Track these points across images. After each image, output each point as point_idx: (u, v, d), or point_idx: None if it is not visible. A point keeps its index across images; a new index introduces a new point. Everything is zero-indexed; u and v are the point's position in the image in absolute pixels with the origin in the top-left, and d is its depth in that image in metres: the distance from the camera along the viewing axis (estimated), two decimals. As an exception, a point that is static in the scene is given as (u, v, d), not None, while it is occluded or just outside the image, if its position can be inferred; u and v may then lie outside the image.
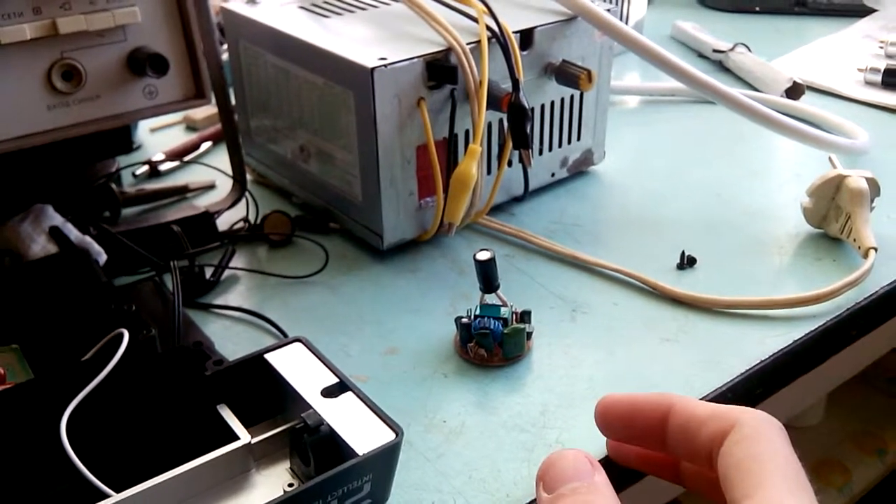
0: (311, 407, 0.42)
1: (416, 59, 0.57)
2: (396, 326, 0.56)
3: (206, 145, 0.79)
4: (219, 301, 0.59)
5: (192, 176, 0.75)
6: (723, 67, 0.96)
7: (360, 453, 0.39)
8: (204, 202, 0.68)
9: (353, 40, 0.60)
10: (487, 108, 0.59)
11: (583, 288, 0.59)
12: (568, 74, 0.64)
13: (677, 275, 0.61)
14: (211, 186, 0.72)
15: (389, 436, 0.40)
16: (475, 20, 0.60)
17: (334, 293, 0.59)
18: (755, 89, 0.89)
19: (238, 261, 0.63)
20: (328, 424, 0.40)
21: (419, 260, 0.62)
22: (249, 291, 0.60)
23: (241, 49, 0.68)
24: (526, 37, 0.63)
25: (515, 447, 0.46)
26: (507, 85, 0.60)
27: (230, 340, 0.55)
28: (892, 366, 1.26)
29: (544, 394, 0.50)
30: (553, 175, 0.71)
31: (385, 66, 0.55)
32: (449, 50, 0.58)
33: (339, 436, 0.40)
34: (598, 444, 0.46)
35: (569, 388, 0.50)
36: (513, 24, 0.61)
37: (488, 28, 0.59)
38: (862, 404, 1.22)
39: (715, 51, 0.96)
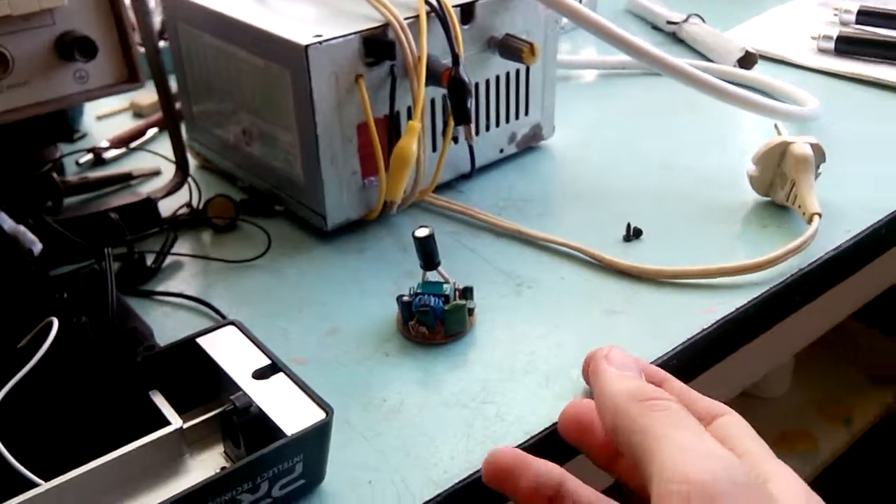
0: (241, 389, 0.41)
1: (352, 36, 0.56)
2: (339, 307, 0.55)
3: (152, 132, 0.78)
4: (161, 288, 0.58)
5: (138, 163, 0.74)
6: (677, 39, 0.95)
7: (289, 433, 0.38)
8: (148, 189, 0.67)
9: (291, 19, 0.59)
10: (428, 84, 0.59)
11: (530, 263, 0.59)
12: (511, 48, 0.63)
13: (624, 247, 0.60)
14: (156, 173, 0.72)
15: (319, 415, 0.39)
16: (413, -5, 0.60)
17: (277, 276, 0.59)
18: (709, 60, 0.89)
19: (182, 247, 0.62)
20: (257, 406, 0.40)
21: (365, 240, 0.62)
22: (192, 277, 0.59)
23: (181, 31, 0.67)
24: (467, 11, 0.62)
25: (454, 423, 0.46)
26: (448, 60, 0.59)
27: (171, 327, 0.54)
28: (857, 335, 1.27)
29: (486, 369, 0.50)
30: (502, 151, 0.70)
31: (320, 43, 0.55)
32: (386, 25, 0.57)
33: (268, 417, 0.39)
34: (538, 416, 0.46)
35: (510, 362, 0.50)
36: (453, -2, 0.61)
37: (427, 2, 0.59)
38: (828, 374, 1.23)
39: (669, 22, 0.95)
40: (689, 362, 0.52)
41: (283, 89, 0.58)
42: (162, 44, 0.73)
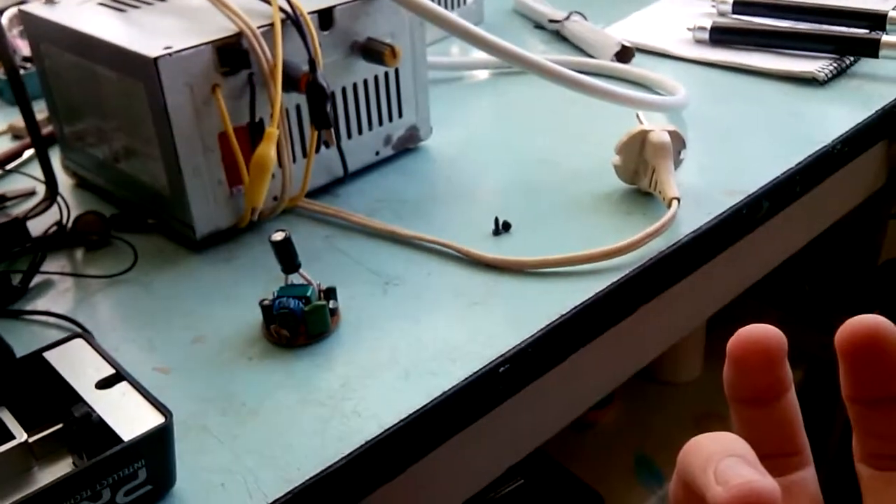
0: (83, 400, 0.41)
1: (203, 46, 0.56)
2: (207, 316, 0.56)
3: (28, 153, 0.77)
4: (29, 307, 0.58)
5: (13, 185, 0.73)
6: (560, 37, 0.97)
7: (126, 439, 0.38)
8: (22, 210, 0.67)
9: (145, 32, 0.59)
10: (288, 90, 0.59)
11: (399, 262, 0.60)
12: (372, 52, 0.64)
13: (494, 241, 0.62)
14: (31, 193, 0.71)
15: (158, 420, 0.40)
16: (269, 2, 0.60)
17: (146, 290, 0.59)
18: (588, 56, 0.91)
19: (53, 265, 0.62)
20: (97, 415, 0.40)
21: (236, 248, 0.62)
22: (61, 295, 0.59)
23: (45, 52, 0.66)
24: (326, 16, 0.63)
25: (311, 421, 0.46)
26: (307, 66, 0.60)
27: (37, 346, 0.54)
28: (766, 318, 1.30)
29: (347, 366, 0.50)
30: (378, 153, 0.71)
31: (170, 54, 0.55)
32: (240, 34, 0.58)
33: (107, 425, 0.40)
34: (395, 409, 0.47)
35: (371, 359, 0.51)
36: (311, 4, 0.62)
37: (282, 10, 0.59)
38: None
39: (551, 20, 0.97)
40: (549, 349, 0.53)
41: (140, 103, 0.58)
42: (31, 68, 0.73)
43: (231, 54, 0.57)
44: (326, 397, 0.48)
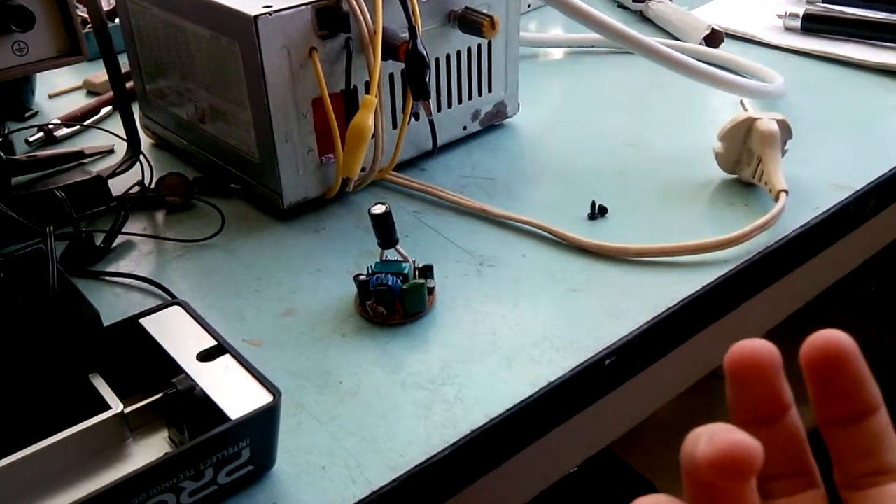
0: (185, 371, 0.39)
1: (304, 7, 0.54)
2: (296, 287, 0.54)
3: (106, 110, 0.76)
4: (112, 268, 0.56)
5: (91, 141, 0.71)
6: (643, 17, 0.94)
7: (234, 417, 0.36)
8: (101, 168, 0.65)
9: (241, -10, 0.57)
10: (385, 58, 0.57)
11: (492, 241, 0.58)
12: (470, 21, 0.62)
13: (589, 225, 0.59)
14: (110, 151, 0.69)
15: (266, 398, 0.38)
16: (371, -34, 0.58)
17: (233, 256, 0.57)
18: (675, 38, 0.87)
19: (134, 226, 0.60)
20: (201, 389, 0.38)
21: (324, 218, 0.60)
22: (144, 258, 0.57)
23: (130, 6, 0.64)
24: (426, -17, 0.60)
25: (412, 405, 0.44)
26: (405, 33, 0.58)
27: (121, 309, 0.52)
28: (829, 316, 1.27)
29: (445, 349, 0.48)
30: (465, 128, 0.69)
31: (270, 13, 0.53)
32: (341, -4, 0.55)
33: (212, 400, 0.38)
34: (500, 398, 0.45)
35: (470, 343, 0.49)
36: (412, -31, 0.59)
37: (384, -27, 0.57)
38: (795, 356, 1.23)
39: (635, 1, 0.94)
40: (653, 342, 0.51)
41: (234, 63, 0.56)
42: (115, 22, 0.71)
43: (331, 16, 0.55)
44: (427, 381, 0.46)
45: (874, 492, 0.26)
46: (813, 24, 0.88)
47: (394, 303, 0.50)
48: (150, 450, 0.40)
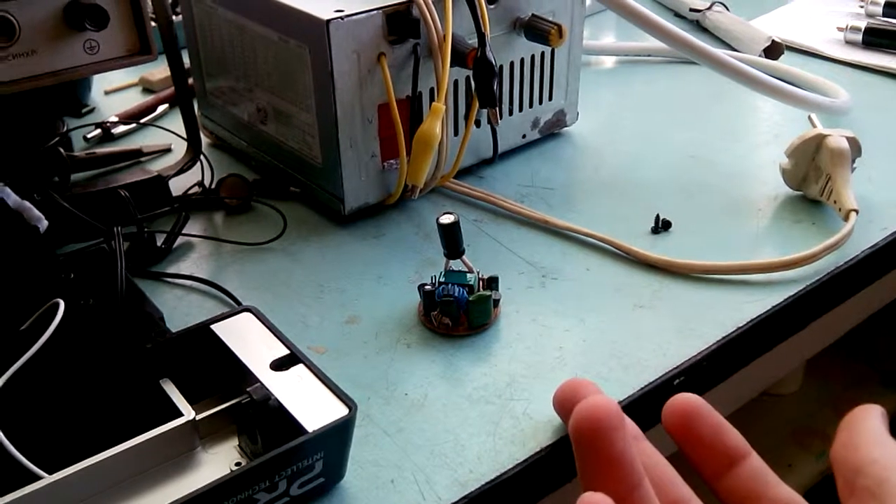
0: (258, 380, 0.39)
1: (375, 12, 0.53)
2: (358, 295, 0.53)
3: (162, 108, 0.76)
4: (172, 269, 0.56)
5: (148, 139, 0.71)
6: (700, 27, 0.93)
7: (310, 430, 0.36)
8: (159, 166, 0.65)
9: (310, -7, 0.57)
10: (452, 65, 0.56)
11: (554, 253, 0.57)
12: (537, 29, 0.61)
13: (652, 239, 0.58)
14: (167, 150, 0.69)
15: (342, 411, 0.37)
16: (440, -28, 0.57)
17: (293, 260, 0.56)
18: (732, 49, 0.86)
19: (193, 227, 0.60)
20: (276, 399, 0.38)
21: (383, 225, 0.60)
22: (204, 259, 0.57)
23: (194, 4, 0.64)
24: (493, -10, 0.59)
25: (480, 420, 0.44)
26: (473, 40, 0.57)
27: (182, 311, 0.52)
28: (872, 335, 1.25)
29: (511, 364, 0.47)
30: (524, 137, 0.68)
31: (342, 18, 0.52)
32: (411, 2, 0.55)
33: (287, 411, 0.37)
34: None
35: (537, 358, 0.48)
36: (480, -24, 0.58)
37: (453, -20, 0.56)
38: (841, 371, 1.21)
39: (692, 10, 0.93)
40: (722, 362, 0.50)
41: (302, 67, 0.55)
42: (175, 18, 0.70)
43: (401, 22, 0.54)
44: (494, 395, 0.45)
45: None
46: (874, 39, 0.86)
47: (459, 314, 0.49)
48: (219, 458, 0.40)
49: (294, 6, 0.54)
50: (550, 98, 0.68)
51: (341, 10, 0.53)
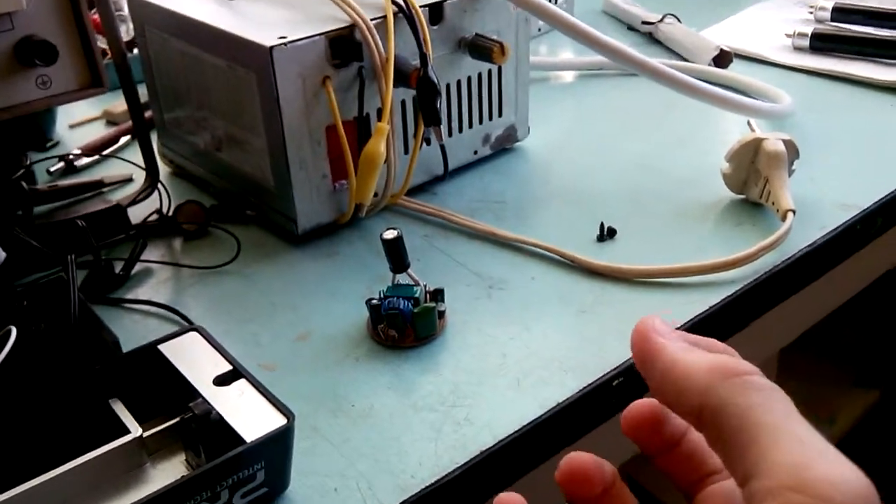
0: (202, 396, 0.40)
1: (318, 37, 0.55)
2: (310, 312, 0.55)
3: (124, 139, 0.77)
4: (130, 295, 0.57)
5: (110, 170, 0.73)
6: (653, 39, 0.95)
7: (249, 440, 0.38)
8: (120, 196, 0.66)
9: (256, 21, 0.59)
10: (397, 85, 0.58)
11: (502, 264, 0.58)
12: (480, 48, 0.63)
13: (598, 247, 0.60)
14: (128, 180, 0.71)
15: (280, 421, 0.39)
16: (381, -4, 0.59)
17: (248, 282, 0.58)
18: (684, 59, 0.88)
19: (152, 253, 0.61)
20: (217, 413, 0.39)
21: (337, 244, 0.61)
22: (162, 284, 0.59)
23: (149, 37, 0.66)
24: (436, 11, 0.61)
25: (423, 427, 0.45)
26: (416, 61, 0.59)
27: (139, 335, 0.53)
28: (842, 336, 1.27)
29: (456, 372, 0.49)
30: (476, 153, 0.70)
31: (285, 44, 0.54)
32: (353, 26, 0.57)
33: (228, 424, 0.39)
34: (509, 419, 0.45)
35: (481, 365, 0.49)
36: (421, -2, 0.61)
37: (395, 3, 0.58)
38: (813, 374, 1.23)
39: (644, 22, 0.95)
40: (662, 362, 0.51)
41: (250, 93, 0.57)
42: (132, 53, 0.73)
43: (344, 46, 0.56)
44: (437, 403, 0.47)
45: (713, 488, 0.30)
46: (822, 43, 0.88)
47: (405, 326, 0.51)
48: (167, 473, 0.41)
49: (239, 35, 0.56)
50: (500, 114, 0.70)
51: (284, 37, 0.55)
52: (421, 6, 0.59)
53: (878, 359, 1.22)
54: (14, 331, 0.43)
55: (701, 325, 0.53)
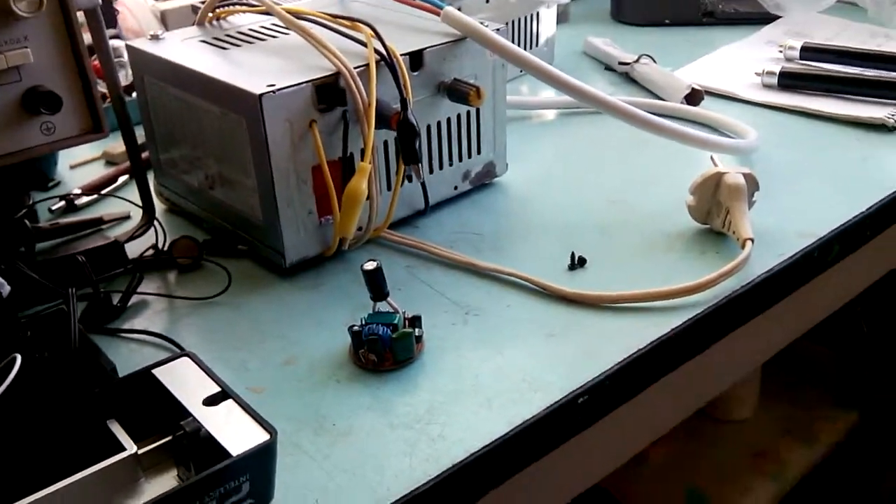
0: (192, 415, 0.44)
1: (304, 84, 0.60)
2: (297, 339, 0.58)
3: (123, 179, 0.81)
4: (127, 325, 0.61)
5: (109, 209, 0.77)
6: (629, 79, 0.99)
7: (235, 454, 0.41)
8: (118, 233, 0.70)
9: (247, 70, 0.63)
10: (379, 127, 0.62)
11: (478, 293, 0.62)
12: (458, 92, 0.67)
13: (570, 275, 0.64)
14: (126, 217, 0.75)
15: (263, 436, 0.42)
16: (365, 45, 0.63)
17: (239, 312, 0.62)
18: (658, 98, 0.93)
19: (148, 286, 0.65)
20: (206, 430, 0.43)
21: (323, 275, 0.65)
22: (157, 315, 0.62)
23: (147, 84, 0.70)
24: (416, 58, 0.66)
25: (399, 443, 0.49)
26: (398, 105, 0.63)
27: (135, 362, 0.57)
28: (821, 359, 1.30)
29: (431, 393, 0.53)
30: (456, 188, 0.74)
31: (273, 91, 0.58)
32: (338, 74, 0.61)
33: (216, 440, 0.42)
34: (480, 435, 0.49)
35: (455, 386, 0.53)
36: (403, 46, 0.65)
37: (377, 52, 0.62)
38: (795, 397, 1.26)
39: (621, 63, 1.00)
40: (624, 382, 0.55)
41: (241, 136, 0.61)
42: (130, 97, 0.77)
43: (329, 92, 0.60)
44: (413, 421, 0.50)
45: None
46: (789, 81, 0.93)
47: (384, 351, 0.54)
48: (160, 487, 0.45)
49: (231, 83, 0.60)
50: (479, 152, 0.74)
51: (273, 84, 0.59)
52: (402, 54, 0.64)
53: (857, 380, 1.26)
54: (19, 358, 0.46)
55: (663, 347, 0.56)
